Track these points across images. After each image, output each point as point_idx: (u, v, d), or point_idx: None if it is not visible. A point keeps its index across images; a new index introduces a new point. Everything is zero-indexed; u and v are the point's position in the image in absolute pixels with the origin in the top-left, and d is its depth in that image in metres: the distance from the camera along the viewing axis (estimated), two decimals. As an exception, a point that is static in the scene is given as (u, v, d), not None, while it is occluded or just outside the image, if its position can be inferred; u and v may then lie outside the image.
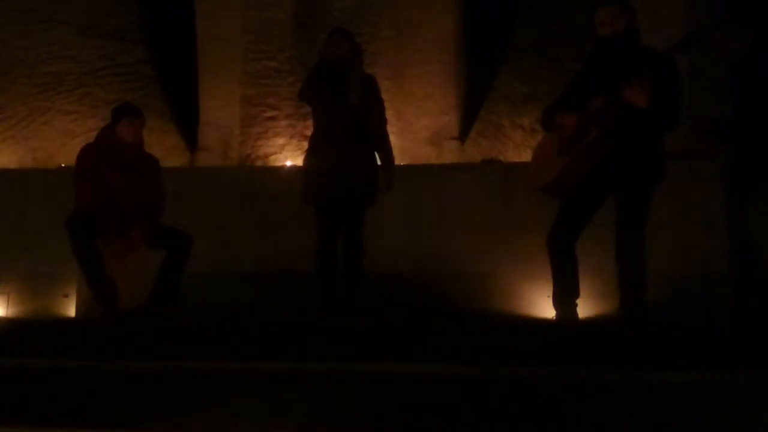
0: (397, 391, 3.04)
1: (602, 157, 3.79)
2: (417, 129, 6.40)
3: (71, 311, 5.16)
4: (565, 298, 3.98)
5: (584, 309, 4.17)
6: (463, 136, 6.41)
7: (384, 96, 4.89)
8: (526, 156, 5.74)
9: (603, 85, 3.80)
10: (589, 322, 4.04)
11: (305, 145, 5.99)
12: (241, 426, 2.86)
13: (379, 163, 4.72)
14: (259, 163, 6.25)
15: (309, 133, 5.86)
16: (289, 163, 6.15)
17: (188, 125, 6.71)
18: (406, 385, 3.08)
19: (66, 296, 5.39)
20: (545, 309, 4.69)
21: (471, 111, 6.59)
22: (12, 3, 6.61)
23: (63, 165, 6.08)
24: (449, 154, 6.33)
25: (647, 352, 3.29)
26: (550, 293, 4.11)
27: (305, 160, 4.79)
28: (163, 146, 6.36)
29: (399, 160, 5.01)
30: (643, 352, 3.28)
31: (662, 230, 4.71)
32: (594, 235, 3.99)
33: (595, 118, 3.79)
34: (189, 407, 3.01)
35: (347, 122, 4.56)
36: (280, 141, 6.30)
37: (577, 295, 3.98)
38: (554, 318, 4.08)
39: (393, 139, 4.97)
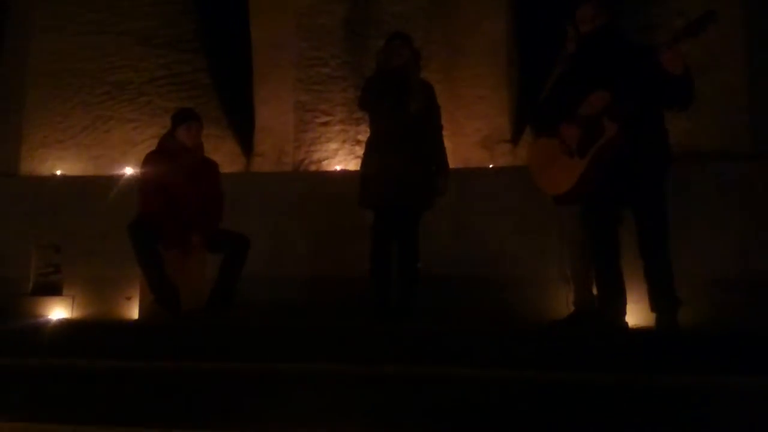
0: (451, 394, 3.05)
1: (622, 150, 3.78)
2: (469, 132, 6.39)
3: (134, 314, 5.27)
4: (611, 316, 3.96)
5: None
6: (515, 138, 6.38)
7: (436, 100, 4.90)
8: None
9: (602, 79, 3.80)
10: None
11: (358, 149, 6.07)
12: (298, 427, 2.90)
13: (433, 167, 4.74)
14: (313, 167, 6.31)
15: (361, 137, 5.93)
16: (341, 168, 6.21)
17: (244, 132, 6.83)
18: (461, 388, 3.10)
19: (129, 299, 5.52)
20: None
21: (523, 113, 6.56)
22: (75, 15, 6.82)
23: (125, 172, 6.24)
24: (501, 157, 6.30)
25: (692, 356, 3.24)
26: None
27: (363, 164, 4.82)
28: (220, 152, 6.49)
29: (451, 163, 5.00)
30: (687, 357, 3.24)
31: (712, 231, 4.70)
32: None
33: (609, 114, 3.77)
34: (248, 407, 3.07)
35: (405, 127, 4.58)
36: (333, 146, 6.36)
37: (623, 313, 3.95)
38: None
39: (445, 142, 4.99)
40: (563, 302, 4.67)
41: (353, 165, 6.05)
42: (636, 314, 4.14)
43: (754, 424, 2.67)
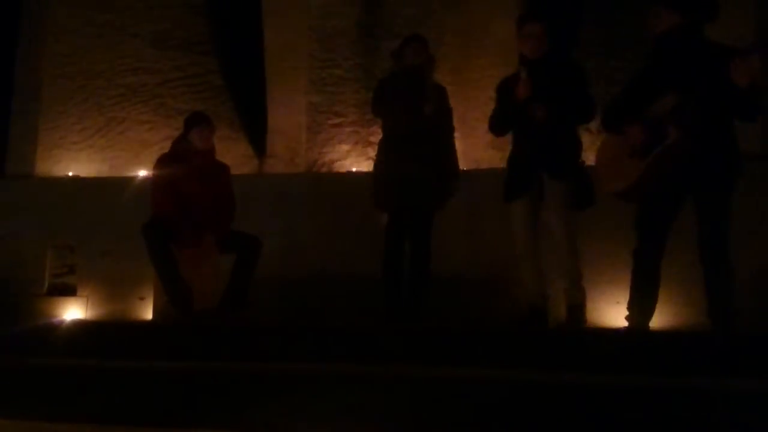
0: (461, 395, 3.06)
1: (684, 157, 3.72)
2: (480, 133, 6.37)
3: (148, 314, 5.31)
4: (638, 317, 3.93)
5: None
6: (527, 140, 6.36)
7: (447, 101, 4.91)
8: (592, 160, 5.68)
9: (675, 81, 3.73)
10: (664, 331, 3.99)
11: (370, 151, 6.08)
12: (309, 427, 2.92)
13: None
14: (325, 169, 6.34)
15: (373, 139, 5.94)
16: (353, 169, 6.23)
17: (257, 133, 6.87)
18: (470, 389, 3.10)
19: (142, 299, 5.57)
20: (615, 317, 4.64)
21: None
22: (89, 17, 6.88)
23: (139, 173, 6.29)
24: (513, 158, 6.29)
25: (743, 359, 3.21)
26: (620, 300, 4.07)
27: (375, 166, 4.85)
28: (233, 154, 6.52)
29: (462, 164, 5.01)
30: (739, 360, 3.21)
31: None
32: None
33: (673, 118, 3.72)
34: (259, 407, 3.09)
35: (418, 130, 4.60)
36: (345, 147, 6.38)
37: (650, 316, 3.93)
38: (625, 327, 4.03)
39: (456, 143, 5.00)
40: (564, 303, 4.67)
41: (365, 166, 6.06)
42: (660, 316, 4.13)
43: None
